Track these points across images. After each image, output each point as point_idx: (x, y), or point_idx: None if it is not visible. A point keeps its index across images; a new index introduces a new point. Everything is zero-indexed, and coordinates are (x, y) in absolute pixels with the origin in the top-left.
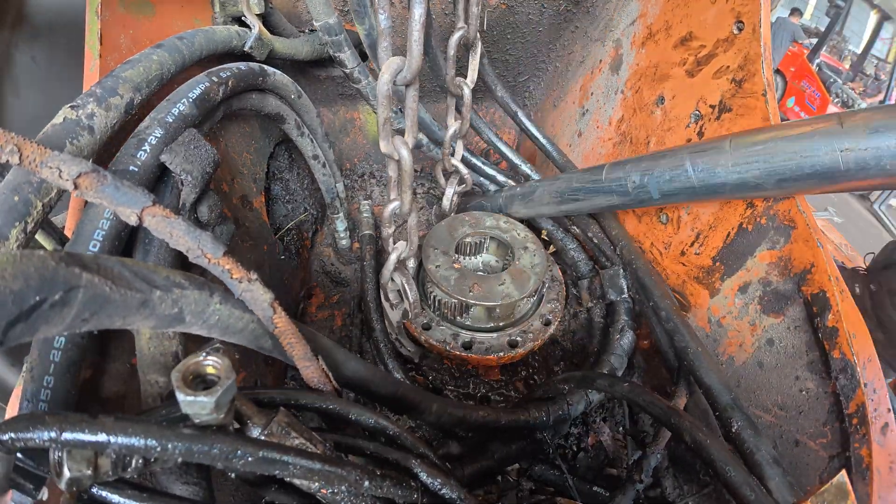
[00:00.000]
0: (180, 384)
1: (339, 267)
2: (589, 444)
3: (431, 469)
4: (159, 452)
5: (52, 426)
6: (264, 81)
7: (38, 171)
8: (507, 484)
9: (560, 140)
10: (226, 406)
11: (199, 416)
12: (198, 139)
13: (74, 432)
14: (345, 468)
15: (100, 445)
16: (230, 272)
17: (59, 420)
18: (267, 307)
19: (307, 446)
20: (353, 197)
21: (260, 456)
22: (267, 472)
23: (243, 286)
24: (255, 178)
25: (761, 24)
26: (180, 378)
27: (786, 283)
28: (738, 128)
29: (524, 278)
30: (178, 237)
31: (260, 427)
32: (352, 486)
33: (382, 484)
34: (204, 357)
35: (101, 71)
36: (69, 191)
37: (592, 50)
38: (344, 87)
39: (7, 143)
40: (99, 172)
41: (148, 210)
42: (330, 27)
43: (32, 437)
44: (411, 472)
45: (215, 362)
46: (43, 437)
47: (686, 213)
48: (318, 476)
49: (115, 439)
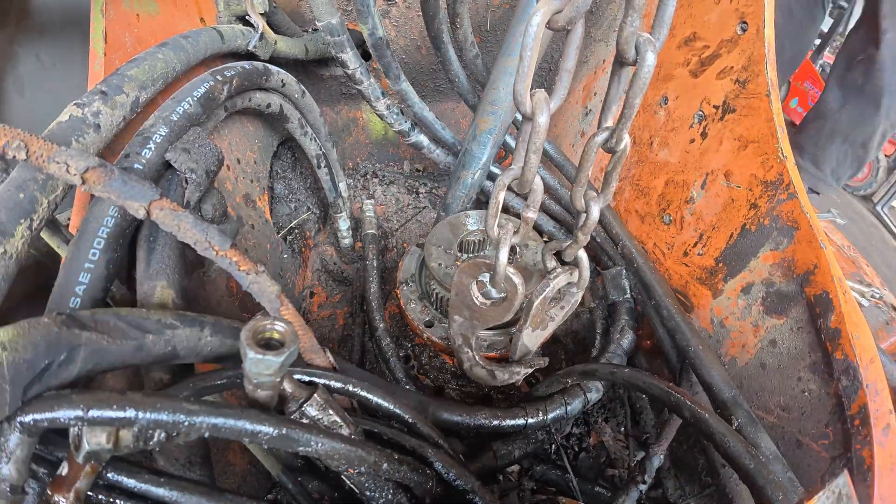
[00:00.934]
0: (250, 342)
1: (341, 266)
2: (590, 444)
3: (447, 459)
4: (187, 427)
5: (77, 404)
6: (268, 80)
7: (46, 167)
8: (509, 483)
9: (563, 140)
10: (285, 370)
11: (260, 377)
12: (202, 138)
13: (102, 409)
14: (365, 450)
15: (127, 421)
16: (237, 264)
17: (86, 398)
18: (274, 299)
19: (340, 425)
20: (356, 196)
21: (284, 434)
22: (291, 449)
23: (250, 278)
24: (258, 177)
25: (765, 24)
26: (250, 337)
27: (789, 284)
28: (742, 128)
29: (527, 276)
30: (185, 230)
31: (301, 400)
32: (370, 467)
33: (400, 468)
34: (272, 321)
35: (106, 69)
36: (77, 185)
37: (595, 50)
38: (347, 86)
39: (14, 138)
40: (106, 167)
41: (156, 203)
42: (332, 27)
43: (57, 416)
44: (426, 460)
45: (282, 328)
46: (68, 415)
47: (689, 213)
48: (340, 456)
49: (144, 415)
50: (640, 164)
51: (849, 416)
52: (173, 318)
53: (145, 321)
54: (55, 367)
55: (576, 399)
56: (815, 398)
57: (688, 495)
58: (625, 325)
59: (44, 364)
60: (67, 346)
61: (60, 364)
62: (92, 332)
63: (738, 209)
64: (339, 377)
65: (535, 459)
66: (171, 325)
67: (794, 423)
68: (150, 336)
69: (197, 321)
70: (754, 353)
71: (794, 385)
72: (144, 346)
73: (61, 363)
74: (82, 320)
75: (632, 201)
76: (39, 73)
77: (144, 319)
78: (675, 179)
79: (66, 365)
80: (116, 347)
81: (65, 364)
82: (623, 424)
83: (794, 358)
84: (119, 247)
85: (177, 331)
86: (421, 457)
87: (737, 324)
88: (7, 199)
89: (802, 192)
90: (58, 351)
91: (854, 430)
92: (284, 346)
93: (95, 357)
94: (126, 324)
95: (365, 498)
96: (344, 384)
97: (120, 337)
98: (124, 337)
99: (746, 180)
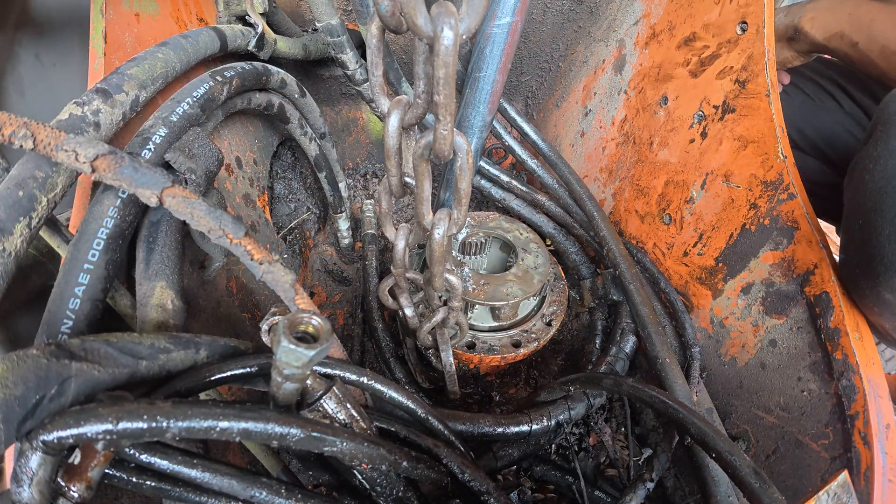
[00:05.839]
0: (286, 331)
1: (341, 266)
2: (590, 444)
3: (461, 459)
4: (219, 433)
5: (106, 417)
6: (268, 81)
7: (54, 155)
8: (508, 483)
9: (563, 140)
10: (314, 364)
11: (290, 368)
12: (202, 138)
13: (132, 421)
14: (386, 448)
15: (159, 431)
16: (251, 253)
17: (115, 410)
18: (289, 288)
19: (357, 420)
20: (356, 196)
21: (312, 435)
22: (318, 450)
23: (264, 267)
24: (258, 177)
25: (765, 24)
26: (287, 326)
27: (789, 284)
28: (742, 128)
29: (528, 278)
30: (198, 217)
31: (320, 392)
32: (391, 466)
33: (418, 466)
34: (310, 315)
35: (106, 69)
36: (87, 173)
37: (595, 50)
38: (347, 86)
39: (20, 127)
40: (116, 154)
41: (168, 191)
42: (332, 28)
43: (84, 432)
44: (440, 459)
45: (318, 323)
46: (97, 430)
47: (689, 213)
48: (363, 455)
49: (176, 423)
50: (639, 164)
51: (849, 416)
52: (167, 342)
53: (138, 346)
54: (46, 402)
55: (579, 403)
56: (815, 398)
57: (688, 495)
58: (625, 328)
59: (35, 399)
60: (58, 378)
61: (52, 398)
62: (82, 363)
63: (738, 209)
64: (354, 369)
65: (535, 460)
66: (165, 350)
67: (794, 423)
68: (144, 362)
69: (192, 343)
70: (754, 353)
71: (794, 385)
72: (138, 372)
73: (52, 397)
74: (72, 350)
75: (632, 201)
76: (39, 73)
77: (137, 344)
78: (675, 179)
79: (57, 398)
80: (108, 376)
81: (56, 397)
82: (623, 424)
83: (794, 358)
84: (119, 247)
85: (171, 354)
86: (435, 455)
87: (737, 324)
88: (6, 197)
89: (802, 191)
90: (48, 384)
91: (854, 430)
92: (317, 342)
93: (87, 387)
94: (118, 350)
95: (374, 493)
96: (359, 376)
97: (112, 365)
98: (116, 365)
99: (746, 180)
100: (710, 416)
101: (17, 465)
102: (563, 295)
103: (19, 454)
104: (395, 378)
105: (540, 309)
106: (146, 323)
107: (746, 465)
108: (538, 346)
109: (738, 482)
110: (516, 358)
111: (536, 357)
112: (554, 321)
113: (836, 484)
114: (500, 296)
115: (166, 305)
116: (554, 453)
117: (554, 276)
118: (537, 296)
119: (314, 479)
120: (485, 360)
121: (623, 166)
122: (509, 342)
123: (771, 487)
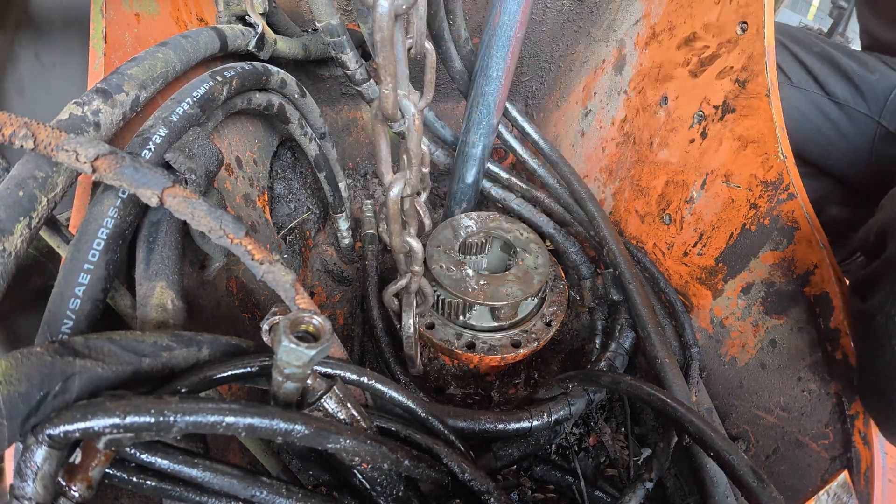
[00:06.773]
0: (287, 331)
1: (341, 266)
2: (590, 445)
3: (461, 459)
4: (224, 428)
5: (113, 411)
6: (268, 81)
7: (55, 155)
8: (508, 483)
9: (563, 140)
10: (314, 364)
11: (290, 367)
12: (202, 138)
13: (140, 415)
14: (389, 447)
15: (166, 426)
16: (252, 253)
17: (122, 404)
18: (289, 288)
19: (358, 419)
20: (356, 196)
21: (316, 432)
22: (321, 447)
23: (265, 267)
24: (258, 177)
25: (765, 24)
26: (288, 326)
27: (789, 284)
28: (742, 128)
29: (528, 278)
30: (199, 217)
31: (321, 392)
32: (393, 464)
33: (419, 466)
34: (311, 315)
35: (106, 69)
36: (87, 174)
37: (595, 50)
38: (347, 86)
39: (21, 127)
40: (117, 154)
41: (169, 191)
42: (332, 28)
43: (91, 426)
44: (440, 458)
45: (319, 322)
46: (104, 424)
47: (689, 213)
48: (365, 453)
49: (183, 418)
50: (640, 164)
51: (849, 416)
52: (170, 340)
53: (140, 344)
54: (50, 399)
55: (579, 399)
56: (815, 398)
57: (688, 495)
58: (624, 324)
59: (39, 396)
60: (62, 375)
61: (55, 395)
62: (86, 360)
63: (738, 209)
64: (355, 369)
65: (535, 459)
66: (168, 347)
67: (794, 423)
68: (147, 360)
69: (194, 341)
70: (754, 353)
71: (794, 385)
72: (141, 369)
73: (56, 394)
74: (76, 347)
75: (632, 201)
76: (39, 73)
77: (140, 342)
78: (675, 179)
79: (61, 395)
80: (112, 373)
81: (60, 394)
82: (623, 424)
83: (794, 358)
84: (119, 247)
85: (174, 352)
86: (435, 455)
87: (737, 324)
88: (6, 197)
89: (802, 192)
90: (52, 381)
91: (854, 430)
92: (318, 342)
93: (90, 384)
94: (121, 348)
95: (375, 493)
96: (359, 376)
97: (115, 362)
98: (119, 362)
99: (746, 180)
100: (710, 416)
101: (21, 460)
102: (563, 295)
103: (24, 449)
104: (396, 379)
105: (540, 309)
106: (146, 323)
107: (744, 465)
108: (538, 347)
109: (736, 481)
110: (516, 358)
111: (536, 357)
112: (554, 321)
113: (836, 484)
114: (500, 296)
115: (166, 305)
116: (554, 453)
117: (554, 277)
118: (537, 296)
119: (314, 479)
120: (484, 360)
121: (623, 166)
122: (509, 342)
123: (769, 486)
